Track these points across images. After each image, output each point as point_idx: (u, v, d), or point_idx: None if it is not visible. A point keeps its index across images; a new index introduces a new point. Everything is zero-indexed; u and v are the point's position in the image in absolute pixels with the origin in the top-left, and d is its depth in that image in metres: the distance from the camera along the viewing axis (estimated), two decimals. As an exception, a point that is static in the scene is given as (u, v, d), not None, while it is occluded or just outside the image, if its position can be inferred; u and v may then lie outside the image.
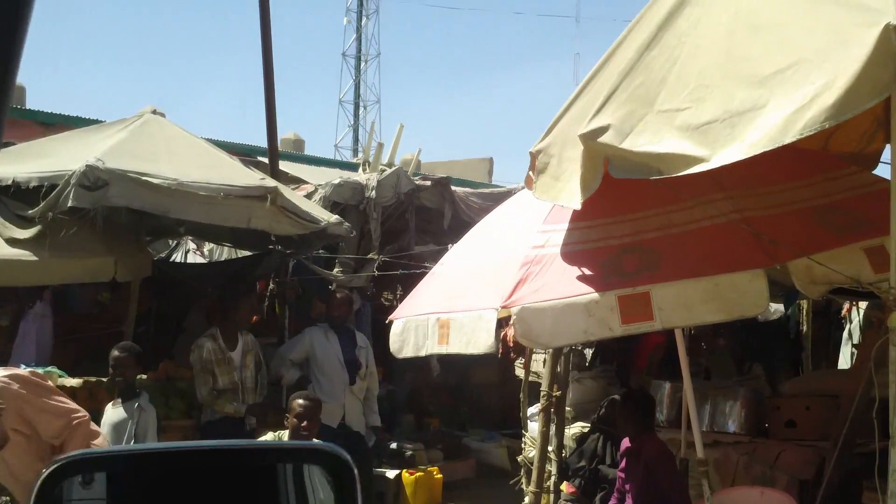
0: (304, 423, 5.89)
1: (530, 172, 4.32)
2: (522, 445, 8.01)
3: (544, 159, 4.19)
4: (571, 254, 4.28)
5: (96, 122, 15.17)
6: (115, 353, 6.66)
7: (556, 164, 4.13)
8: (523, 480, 8.09)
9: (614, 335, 4.05)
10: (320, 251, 10.45)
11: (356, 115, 49.64)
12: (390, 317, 5.17)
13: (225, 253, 11.56)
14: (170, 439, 7.85)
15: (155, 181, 7.61)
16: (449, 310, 4.61)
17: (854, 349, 10.11)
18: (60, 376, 7.85)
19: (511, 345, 16.95)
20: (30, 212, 7.66)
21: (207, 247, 11.75)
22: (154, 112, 8.99)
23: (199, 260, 11.71)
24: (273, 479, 2.20)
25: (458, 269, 4.97)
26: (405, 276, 10.54)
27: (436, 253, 11.48)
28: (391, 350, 5.03)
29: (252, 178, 8.41)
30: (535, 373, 17.71)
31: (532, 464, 7.85)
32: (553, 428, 7.40)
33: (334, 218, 9.00)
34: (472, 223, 11.79)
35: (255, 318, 8.75)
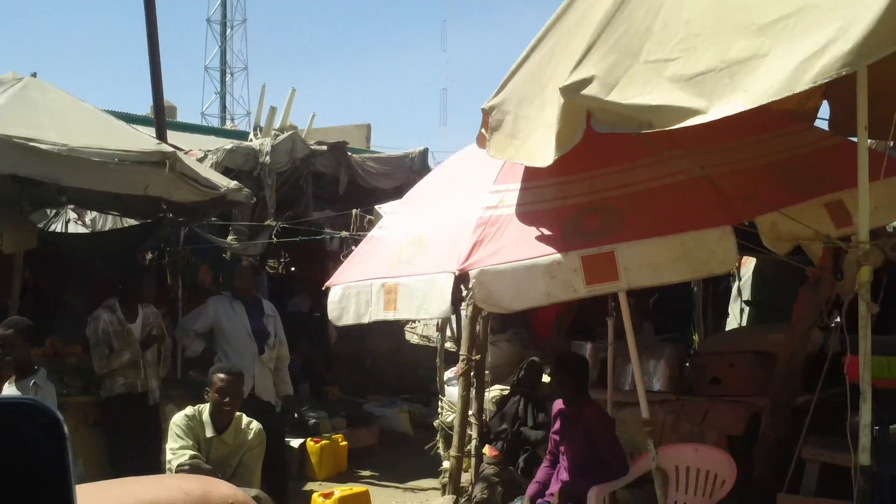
0: (227, 399, 5.61)
1: (482, 130, 4.14)
2: (439, 410, 7.89)
3: (498, 116, 4.02)
4: (528, 214, 4.13)
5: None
6: (1, 330, 6.24)
7: (511, 121, 3.97)
8: (440, 445, 7.99)
9: (579, 296, 3.93)
10: (213, 219, 10.05)
11: (223, 82, 48.41)
12: (326, 283, 4.93)
13: (109, 222, 10.97)
14: (70, 417, 7.42)
15: (43, 147, 7.10)
16: (396, 275, 4.40)
17: (745, 305, 10.33)
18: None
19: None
20: None
21: (90, 216, 11.13)
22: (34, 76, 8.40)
23: (81, 230, 11.08)
24: None
25: (401, 234, 4.76)
26: (293, 244, 10.25)
27: (333, 219, 11.24)
28: (330, 318, 4.80)
29: (148, 143, 7.96)
30: (426, 337, 17.68)
31: (450, 428, 7.75)
32: (473, 392, 7.31)
33: (233, 184, 8.61)
34: (369, 188, 11.65)
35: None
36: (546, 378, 7.89)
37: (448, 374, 8.29)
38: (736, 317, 11.22)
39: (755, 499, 5.32)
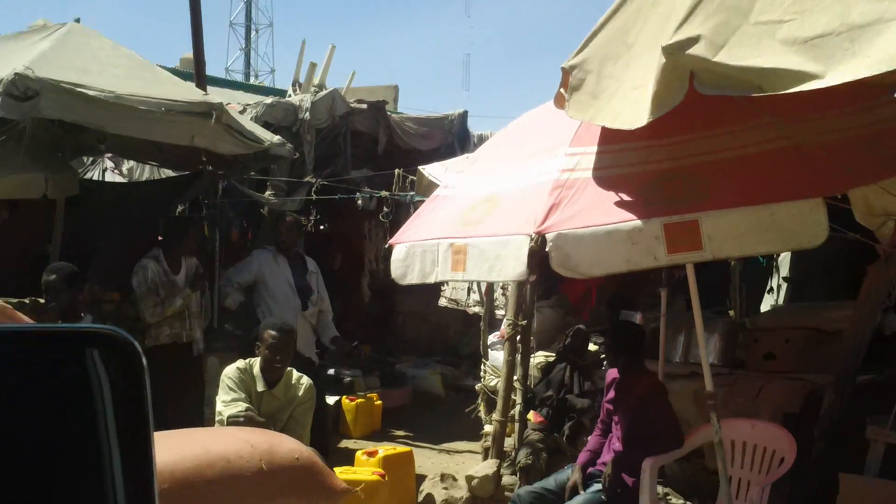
0: (278, 357, 5.54)
1: (561, 90, 4.01)
2: (482, 374, 7.82)
3: (579, 76, 3.88)
4: (607, 178, 4.01)
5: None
6: (45, 276, 6.20)
7: (593, 81, 3.83)
8: (481, 408, 7.93)
9: (659, 265, 3.81)
10: (251, 173, 9.95)
11: (248, 39, 48.11)
12: (390, 241, 4.84)
13: (146, 173, 10.90)
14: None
15: (91, 93, 7.01)
16: (465, 235, 4.29)
17: (783, 281, 10.18)
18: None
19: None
20: (-51, 124, 6.97)
21: (126, 166, 11.05)
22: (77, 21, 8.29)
23: (118, 179, 11.01)
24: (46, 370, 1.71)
25: (469, 194, 4.64)
26: (327, 202, 10.14)
27: (370, 179, 11.13)
28: (393, 276, 4.71)
29: (195, 93, 7.85)
30: (455, 300, 17.60)
31: (493, 392, 7.69)
32: (518, 357, 7.24)
33: (277, 138, 8.50)
34: (406, 149, 11.54)
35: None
36: (592, 346, 7.81)
37: (491, 338, 8.20)
38: (773, 292, 11.10)
39: (814, 478, 5.22)
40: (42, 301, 8.62)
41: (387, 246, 4.88)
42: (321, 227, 16.15)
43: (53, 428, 1.67)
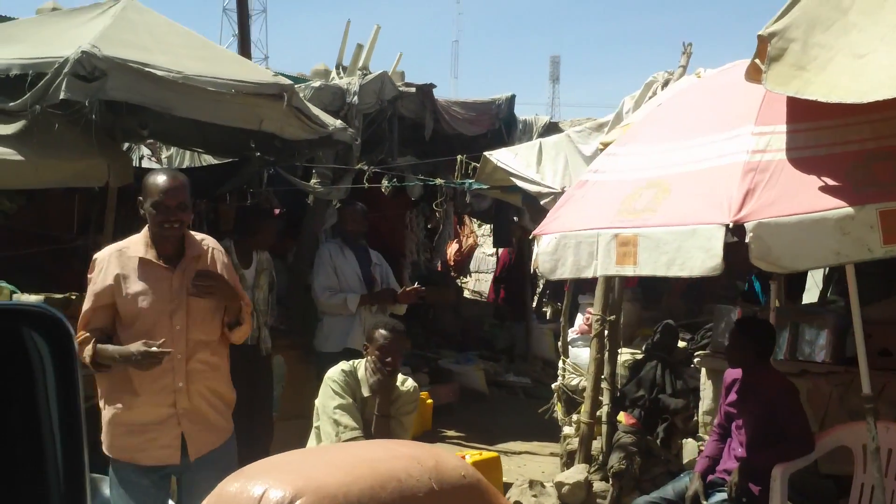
0: (388, 360, 5.14)
1: (756, 60, 3.63)
2: (560, 372, 7.43)
3: (780, 45, 3.51)
4: (805, 160, 3.64)
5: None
6: None
7: (798, 50, 3.47)
8: (558, 409, 7.55)
9: (873, 257, 3.44)
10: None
11: (241, 25, 47.40)
12: (535, 232, 4.45)
13: (186, 160, 10.45)
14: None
15: (159, 73, 6.57)
16: (633, 224, 3.91)
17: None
18: (14, 292, 6.81)
19: (451, 264, 16.42)
20: (11, 104, 6.52)
21: (166, 153, 10.60)
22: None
23: (156, 167, 10.53)
24: None
25: (628, 178, 4.25)
26: (365, 191, 9.75)
27: (415, 166, 10.72)
28: (540, 270, 4.33)
29: (263, 74, 7.42)
30: (478, 293, 17.22)
31: (573, 392, 7.32)
32: (606, 355, 6.88)
33: (339, 123, 8.09)
34: (452, 134, 11.11)
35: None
36: (681, 343, 7.45)
37: (571, 334, 7.82)
38: (818, 283, 10.78)
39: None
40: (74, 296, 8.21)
41: (530, 237, 4.48)
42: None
43: None
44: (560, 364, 7.48)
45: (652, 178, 4.05)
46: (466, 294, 16.83)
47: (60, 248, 8.89)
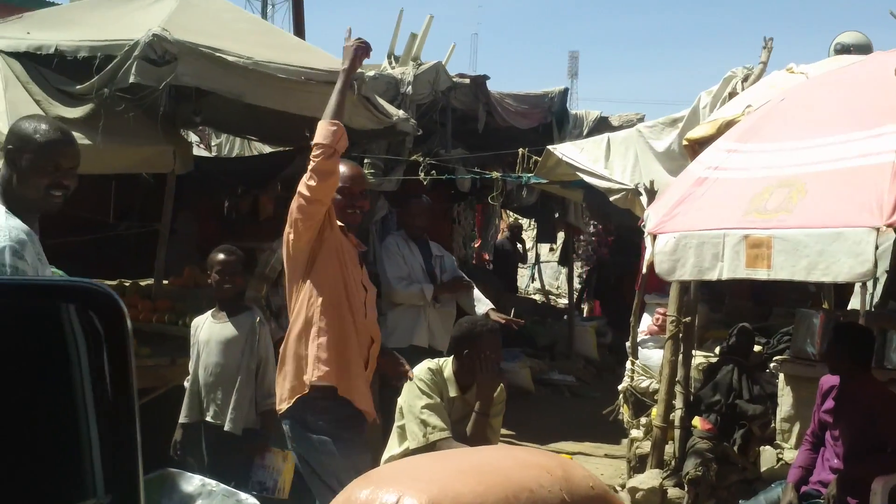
0: (487, 352, 4.93)
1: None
2: (628, 374, 7.24)
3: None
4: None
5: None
6: (221, 256, 5.64)
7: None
8: (625, 412, 7.37)
9: None
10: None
11: (263, 12, 47.31)
12: (650, 230, 4.26)
13: (236, 148, 10.29)
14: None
15: (229, 58, 6.40)
16: (766, 225, 3.71)
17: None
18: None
19: (487, 258, 16.23)
20: (78, 87, 6.36)
21: (215, 141, 10.44)
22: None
23: (204, 153, 10.38)
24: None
25: (755, 175, 4.04)
26: (412, 183, 9.58)
27: (465, 159, 10.53)
28: (657, 270, 4.14)
29: (331, 61, 7.22)
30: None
31: (642, 394, 7.15)
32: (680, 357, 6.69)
33: (402, 113, 7.93)
34: (503, 127, 10.93)
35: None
36: (756, 347, 7.26)
37: (641, 335, 7.62)
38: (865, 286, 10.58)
39: None
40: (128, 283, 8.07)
41: (647, 234, 4.30)
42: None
43: (32, 373, 1.80)
44: (628, 365, 7.29)
45: (783, 177, 3.85)
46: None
47: (98, 236, 8.79)
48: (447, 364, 5.15)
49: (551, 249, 15.48)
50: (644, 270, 6.24)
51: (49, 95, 6.34)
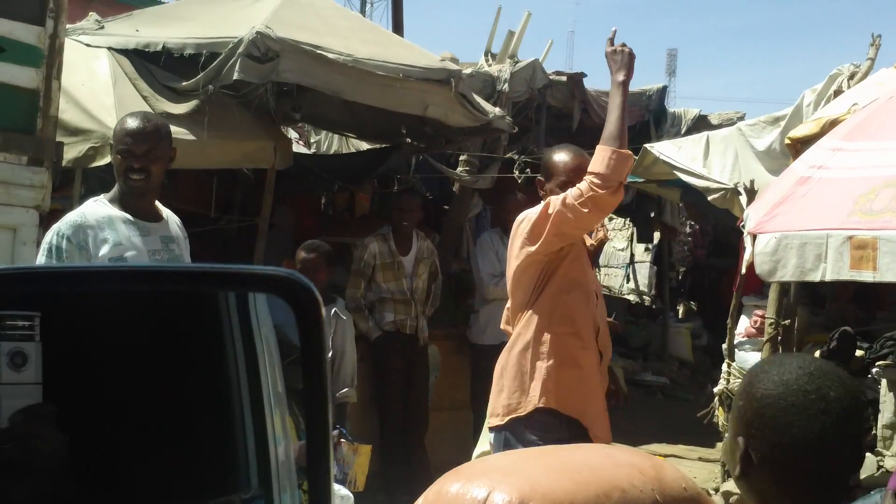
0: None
1: None
2: (724, 376, 7.12)
3: None
4: None
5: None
6: (302, 254, 5.79)
7: None
8: (720, 415, 7.25)
9: None
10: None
11: (362, 9, 47.76)
12: (751, 230, 4.20)
13: (335, 145, 10.45)
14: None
15: (330, 56, 6.51)
16: (871, 227, 3.63)
17: None
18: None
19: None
20: (184, 83, 6.53)
21: (314, 138, 10.61)
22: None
23: (302, 150, 10.56)
24: (218, 307, 1.98)
25: (860, 176, 3.96)
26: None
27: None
28: (758, 271, 4.09)
29: (430, 58, 7.30)
30: (607, 287, 16.91)
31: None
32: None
33: (497, 111, 7.94)
34: (598, 126, 10.82)
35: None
36: (859, 351, 7.06)
37: (738, 337, 7.50)
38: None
39: None
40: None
41: (746, 234, 4.24)
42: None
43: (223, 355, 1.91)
44: (724, 367, 7.17)
45: (890, 177, 3.76)
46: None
47: (200, 230, 9.01)
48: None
49: (646, 249, 15.27)
50: (742, 271, 6.13)
51: (156, 91, 6.52)
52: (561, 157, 4.05)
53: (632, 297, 15.96)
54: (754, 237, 4.12)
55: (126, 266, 2.99)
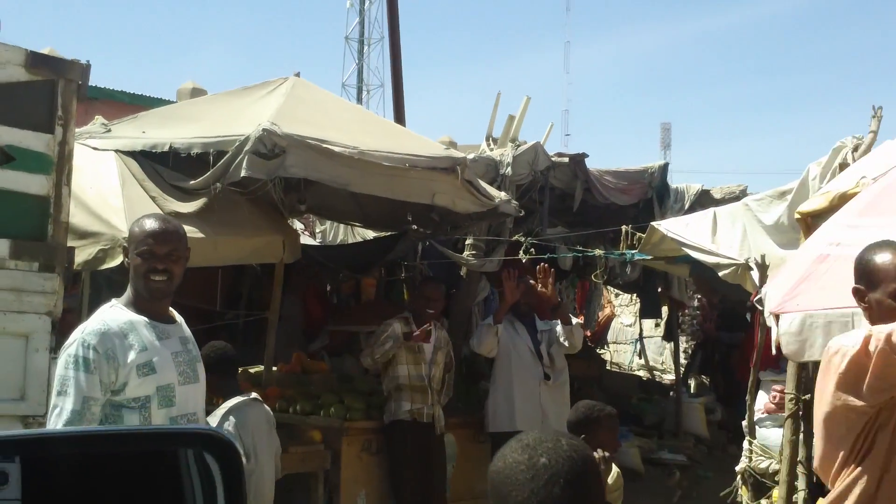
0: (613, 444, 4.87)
1: None
2: (746, 454, 7.00)
3: None
4: None
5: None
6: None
7: None
8: (744, 494, 7.12)
9: None
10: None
11: (360, 54, 48.37)
12: (772, 310, 4.15)
13: (340, 235, 10.47)
14: (354, 444, 6.90)
15: (336, 149, 6.55)
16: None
17: None
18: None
19: (588, 335, 16.05)
20: (191, 182, 6.58)
21: (319, 228, 10.65)
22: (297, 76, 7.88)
23: (309, 241, 10.59)
24: (154, 467, 2.15)
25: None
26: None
27: (566, 237, 10.49)
28: (785, 352, 4.03)
29: (434, 147, 7.36)
30: (617, 364, 16.79)
31: (761, 476, 6.90)
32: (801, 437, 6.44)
33: (503, 195, 7.97)
34: (601, 205, 10.90)
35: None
36: None
37: (758, 413, 7.40)
38: None
39: None
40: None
41: (769, 314, 4.19)
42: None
43: None
44: (745, 445, 7.05)
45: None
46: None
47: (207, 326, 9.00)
48: None
49: (657, 325, 15.22)
50: (773, 350, 6.09)
51: (164, 191, 6.56)
52: (889, 257, 3.23)
53: (642, 373, 15.85)
54: (777, 317, 4.08)
55: (64, 431, 3.03)
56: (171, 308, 3.83)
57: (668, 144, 75.15)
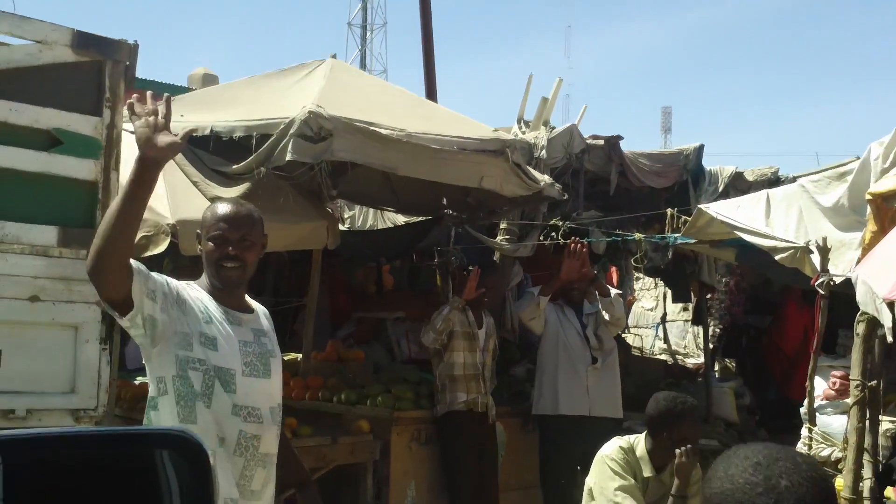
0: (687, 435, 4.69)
1: None
2: (807, 442, 6.82)
3: None
4: None
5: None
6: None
7: None
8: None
9: None
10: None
11: (363, 40, 48.09)
12: (887, 296, 3.96)
13: (369, 220, 10.25)
14: (403, 434, 6.72)
15: (383, 132, 6.33)
16: None
17: None
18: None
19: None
20: (234, 167, 6.35)
21: (348, 213, 10.41)
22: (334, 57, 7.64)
23: (340, 227, 10.36)
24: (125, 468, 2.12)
25: None
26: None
27: (601, 221, 10.29)
28: (889, 339, 3.83)
29: (483, 129, 7.14)
30: (638, 349, 16.57)
31: (823, 464, 6.72)
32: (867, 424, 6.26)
33: (547, 178, 7.76)
34: (636, 188, 10.68)
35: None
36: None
37: (818, 399, 7.20)
38: None
39: None
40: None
41: (881, 300, 4.00)
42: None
43: None
44: (804, 433, 6.87)
45: None
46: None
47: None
48: (639, 442, 4.91)
49: (685, 308, 15.00)
50: (817, 330, 5.94)
51: (206, 177, 6.34)
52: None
53: (665, 357, 15.65)
54: (892, 304, 3.88)
55: (31, 433, 2.85)
56: (250, 299, 3.62)
57: (669, 128, 74.97)
